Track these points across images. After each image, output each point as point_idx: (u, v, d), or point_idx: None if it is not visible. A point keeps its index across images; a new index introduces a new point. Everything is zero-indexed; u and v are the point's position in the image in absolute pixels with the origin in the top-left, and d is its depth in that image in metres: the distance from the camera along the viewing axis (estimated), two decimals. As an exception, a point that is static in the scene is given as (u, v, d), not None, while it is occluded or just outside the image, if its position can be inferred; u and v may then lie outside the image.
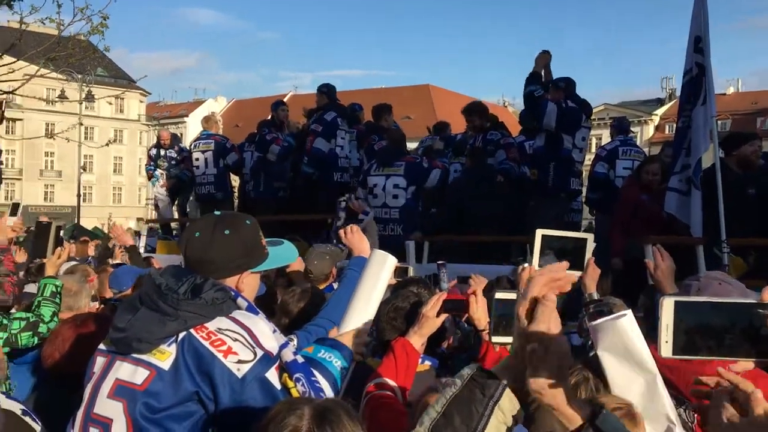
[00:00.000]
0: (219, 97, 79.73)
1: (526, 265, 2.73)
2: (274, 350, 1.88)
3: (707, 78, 5.68)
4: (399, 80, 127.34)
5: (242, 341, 1.83)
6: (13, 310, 3.63)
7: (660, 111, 63.05)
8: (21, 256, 4.22)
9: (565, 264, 1.42)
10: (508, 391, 1.32)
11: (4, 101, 4.40)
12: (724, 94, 57.68)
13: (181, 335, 1.83)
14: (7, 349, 3.16)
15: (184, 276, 1.93)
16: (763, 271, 5.35)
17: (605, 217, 7.66)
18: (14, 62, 9.88)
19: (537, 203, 7.25)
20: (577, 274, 2.66)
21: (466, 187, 7.28)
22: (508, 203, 7.26)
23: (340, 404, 1.59)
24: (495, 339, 2.30)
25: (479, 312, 2.70)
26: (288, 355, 1.92)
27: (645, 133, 59.29)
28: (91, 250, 9.62)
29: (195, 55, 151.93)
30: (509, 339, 1.59)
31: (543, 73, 7.30)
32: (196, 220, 2.40)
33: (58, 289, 3.45)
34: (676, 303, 1.31)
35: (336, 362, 2.13)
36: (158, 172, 11.25)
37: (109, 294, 4.75)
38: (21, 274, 4.10)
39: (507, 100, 74.59)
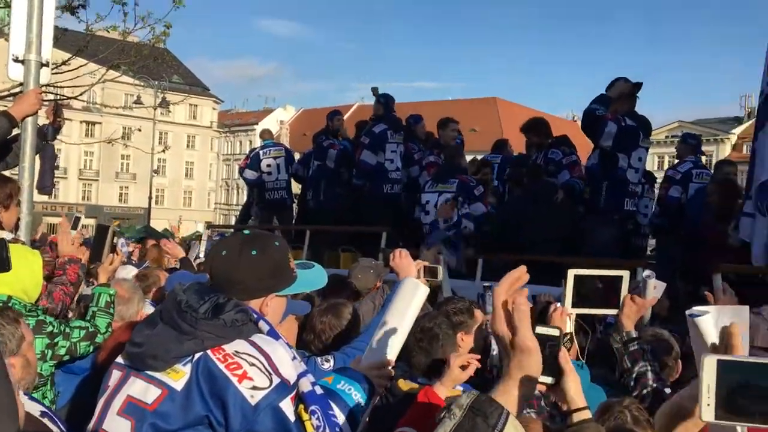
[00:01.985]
0: (288, 106, 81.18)
1: (558, 305, 2.60)
2: (292, 378, 1.80)
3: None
4: (468, 92, 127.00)
5: (259, 366, 1.76)
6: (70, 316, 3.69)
7: (737, 130, 60.70)
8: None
9: (522, 268, 1.37)
10: (512, 417, 1.24)
11: (60, 106, 4.51)
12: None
13: (197, 356, 1.77)
14: (67, 357, 3.19)
15: (207, 294, 1.88)
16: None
17: (669, 240, 7.33)
18: (82, 66, 10.19)
19: (590, 225, 6.93)
20: (613, 312, 2.52)
21: (525, 206, 7.08)
22: (567, 224, 7.00)
23: None
24: (541, 379, 2.16)
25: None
26: (306, 384, 1.83)
27: (721, 152, 57.13)
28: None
29: (270, 64, 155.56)
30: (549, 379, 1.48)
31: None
32: (224, 238, 2.34)
33: (112, 298, 3.47)
34: (719, 362, 1.20)
35: (356, 395, 2.02)
36: None
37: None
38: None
39: (576, 115, 73.17)
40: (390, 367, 2.26)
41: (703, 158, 8.81)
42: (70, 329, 3.24)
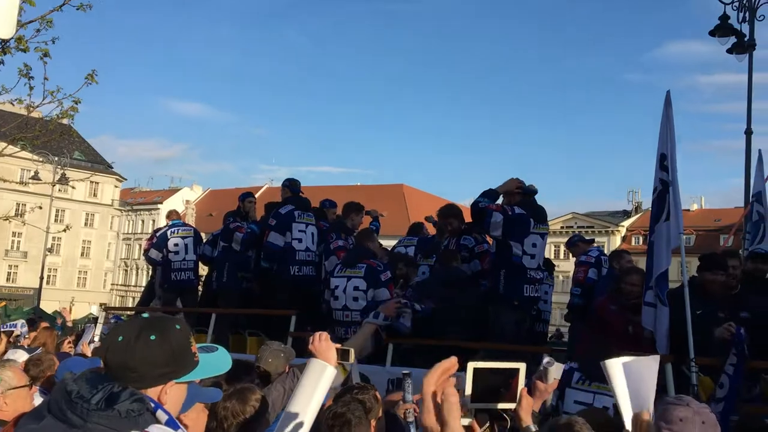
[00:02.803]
0: (195, 185, 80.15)
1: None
2: None
3: (672, 195, 5.79)
4: (375, 179, 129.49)
5: None
6: None
7: (626, 223, 64.67)
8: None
9: (453, 359, 1.39)
10: None
11: None
12: (689, 210, 59.52)
13: None
14: None
15: (101, 383, 1.77)
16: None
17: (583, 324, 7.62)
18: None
19: (492, 312, 7.10)
20: (511, 405, 2.57)
21: (435, 289, 7.21)
22: (475, 309, 7.15)
23: None
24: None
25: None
26: None
27: (612, 243, 60.37)
28: (54, 339, 9.26)
29: (177, 144, 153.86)
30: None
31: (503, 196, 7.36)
32: (122, 322, 2.25)
33: None
34: None
35: None
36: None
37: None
38: None
39: (480, 204, 75.85)
40: None
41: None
42: None
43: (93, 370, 1.88)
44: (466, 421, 2.68)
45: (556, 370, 3.26)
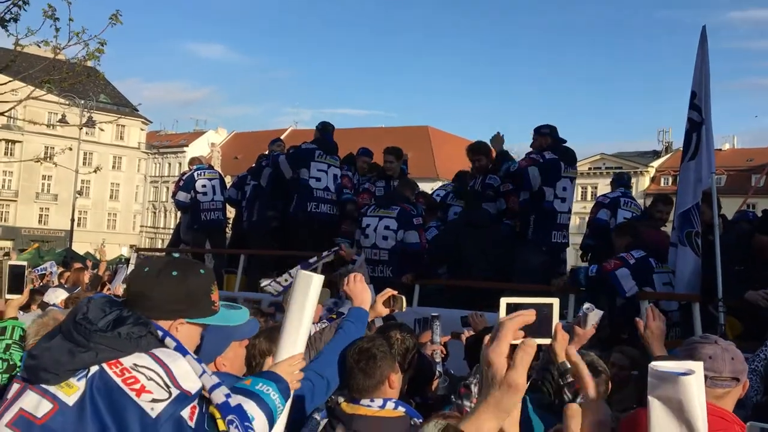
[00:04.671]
0: (220, 128, 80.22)
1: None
2: (192, 390, 1.80)
3: (703, 133, 5.66)
4: (399, 122, 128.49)
5: (156, 380, 1.76)
6: None
7: (656, 163, 63.60)
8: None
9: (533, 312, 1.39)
10: None
11: None
12: (720, 150, 58.22)
13: (93, 370, 1.75)
14: None
15: (111, 308, 1.87)
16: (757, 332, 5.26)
17: (594, 260, 7.57)
18: (8, 83, 9.85)
19: (519, 255, 7.13)
20: (546, 341, 2.58)
21: (461, 231, 7.23)
22: (502, 250, 7.17)
23: None
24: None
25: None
26: (219, 396, 1.85)
27: (641, 184, 59.66)
28: (86, 278, 9.52)
29: (202, 87, 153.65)
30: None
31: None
32: (153, 259, 2.33)
33: (24, 333, 3.33)
34: None
35: (273, 395, 2.09)
36: None
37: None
38: None
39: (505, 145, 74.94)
40: (299, 361, 2.30)
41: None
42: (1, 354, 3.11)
43: (108, 298, 1.98)
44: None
45: (594, 316, 3.26)
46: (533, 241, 6.98)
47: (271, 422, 2.03)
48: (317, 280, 2.38)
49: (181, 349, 1.87)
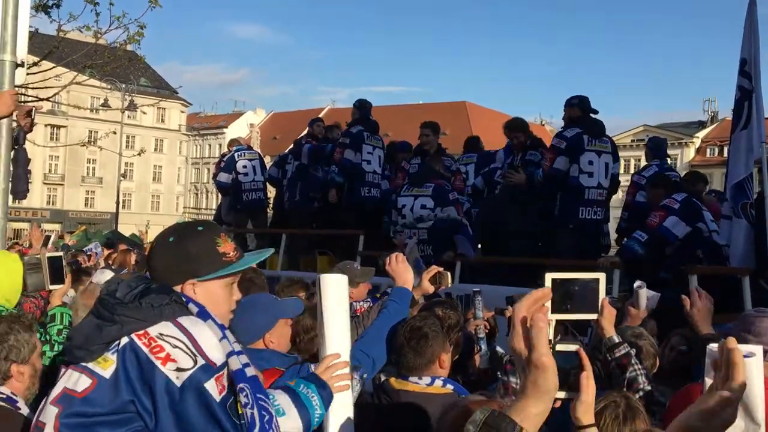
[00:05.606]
0: (258, 109, 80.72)
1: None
2: (218, 360, 1.81)
3: (755, 102, 5.49)
4: (436, 98, 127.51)
5: (182, 348, 1.77)
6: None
7: (701, 134, 61.95)
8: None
9: (546, 289, 1.40)
10: None
11: (35, 108, 4.45)
12: (770, 118, 56.41)
13: (123, 342, 1.79)
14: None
15: (139, 283, 1.92)
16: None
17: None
18: (51, 68, 10.04)
19: (550, 234, 6.94)
20: (592, 316, 2.54)
21: (500, 204, 7.16)
22: (538, 227, 7.08)
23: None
24: (558, 395, 2.15)
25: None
26: (235, 363, 1.84)
27: (686, 155, 58.26)
28: (133, 259, 9.71)
29: (240, 69, 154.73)
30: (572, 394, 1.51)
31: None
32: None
33: (71, 318, 3.42)
34: None
35: (315, 401, 2.09)
36: None
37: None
38: None
39: (544, 119, 74.12)
40: (344, 365, 2.28)
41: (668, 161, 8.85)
42: (53, 341, 3.20)
43: (138, 275, 2.05)
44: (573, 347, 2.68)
45: (647, 296, 3.21)
46: (559, 218, 6.81)
47: (307, 426, 2.01)
48: (341, 279, 2.36)
49: (203, 314, 1.89)
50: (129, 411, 1.73)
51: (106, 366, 1.77)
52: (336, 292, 2.34)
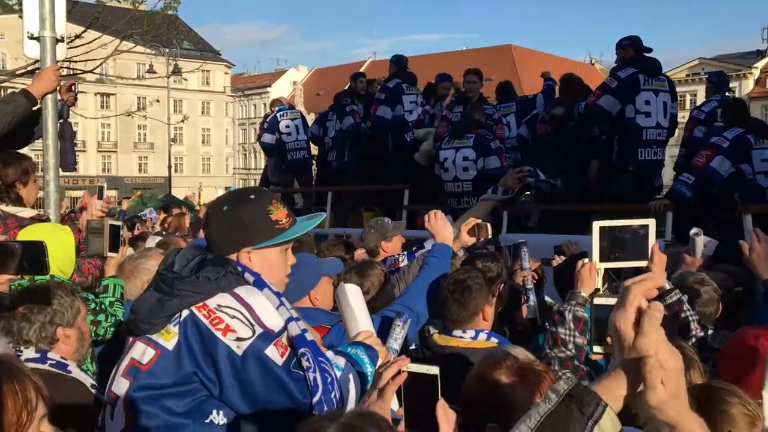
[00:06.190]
0: (300, 66, 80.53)
1: (585, 260, 2.57)
2: (276, 327, 1.85)
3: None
4: (480, 42, 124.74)
5: (240, 318, 1.82)
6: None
7: (760, 63, 59.12)
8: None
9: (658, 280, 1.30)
10: (609, 410, 1.20)
11: (76, 83, 4.52)
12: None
13: (184, 314, 1.84)
14: (100, 337, 3.23)
15: (195, 254, 1.96)
16: None
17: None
18: (96, 40, 10.17)
19: (609, 180, 6.79)
20: (642, 263, 2.47)
21: (548, 147, 7.02)
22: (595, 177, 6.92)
23: (369, 419, 1.44)
24: (596, 349, 2.13)
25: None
26: (294, 329, 1.88)
27: (744, 87, 55.85)
28: (187, 222, 9.92)
29: (279, 26, 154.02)
30: (610, 350, 1.48)
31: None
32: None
33: (123, 289, 3.49)
34: None
35: (365, 359, 2.10)
36: None
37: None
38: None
39: (594, 58, 71.93)
40: (374, 338, 2.26)
41: (728, 95, 8.51)
42: (104, 309, 3.28)
43: (194, 245, 2.08)
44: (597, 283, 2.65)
45: (702, 241, 3.12)
46: (618, 162, 6.64)
47: (363, 383, 2.01)
48: (350, 288, 2.36)
49: (259, 283, 1.92)
50: (193, 381, 1.81)
51: (169, 338, 1.83)
52: (350, 300, 2.33)
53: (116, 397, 1.86)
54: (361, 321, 2.28)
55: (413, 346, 2.90)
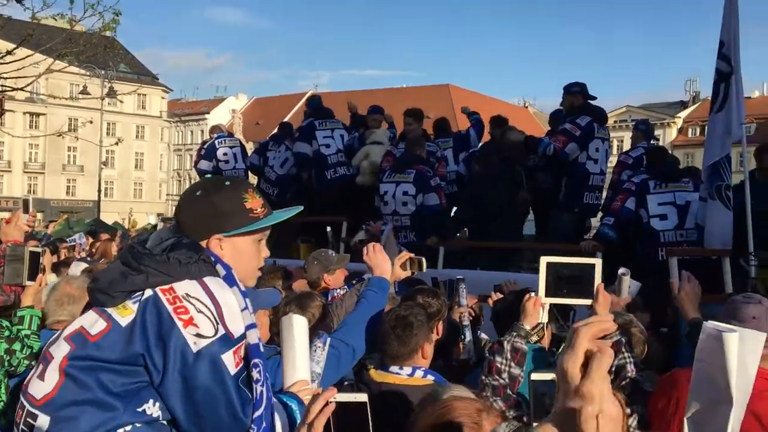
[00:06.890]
0: (240, 94, 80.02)
1: (532, 294, 2.62)
2: (237, 333, 1.77)
3: (732, 84, 5.47)
4: (419, 80, 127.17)
5: (206, 314, 1.74)
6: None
7: (683, 114, 62.27)
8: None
9: (610, 325, 1.30)
10: None
11: (3, 98, 4.39)
12: (749, 98, 56.67)
13: (147, 294, 1.76)
14: (14, 368, 3.07)
15: (170, 235, 1.90)
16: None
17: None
18: (28, 57, 9.89)
19: (553, 216, 7.08)
20: (586, 302, 2.52)
21: (487, 181, 7.16)
22: (518, 209, 7.12)
23: None
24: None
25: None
26: (252, 337, 1.82)
27: (668, 135, 58.58)
28: (114, 249, 9.62)
29: (221, 54, 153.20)
30: None
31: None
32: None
33: (39, 321, 3.34)
34: None
35: (294, 407, 2.04)
36: None
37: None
38: None
39: (528, 101, 74.30)
40: (307, 386, 2.20)
41: (653, 142, 8.93)
42: (23, 340, 3.12)
43: (171, 226, 2.02)
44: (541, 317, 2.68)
45: (628, 282, 3.18)
46: (564, 203, 6.92)
47: (292, 421, 1.97)
48: (297, 320, 2.31)
49: (229, 278, 1.85)
50: (137, 364, 1.71)
51: (125, 314, 1.75)
52: (293, 331, 2.26)
53: (51, 359, 1.76)
54: (300, 367, 2.20)
55: (346, 383, 2.86)
